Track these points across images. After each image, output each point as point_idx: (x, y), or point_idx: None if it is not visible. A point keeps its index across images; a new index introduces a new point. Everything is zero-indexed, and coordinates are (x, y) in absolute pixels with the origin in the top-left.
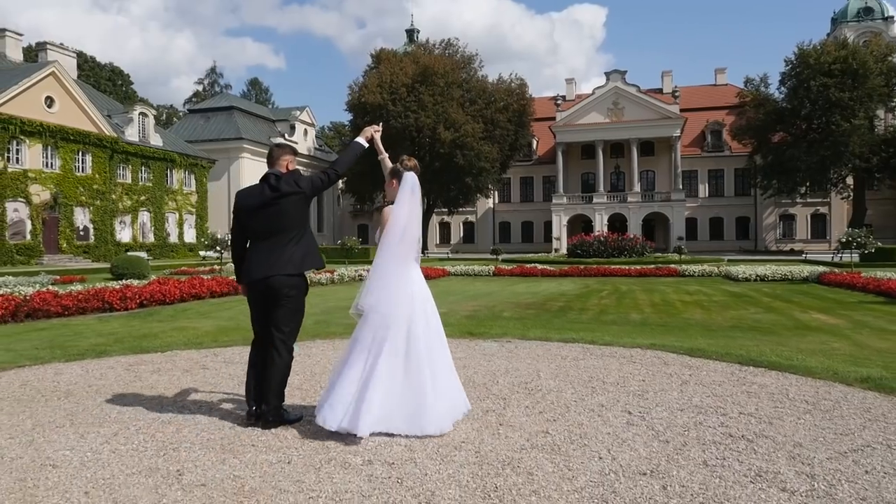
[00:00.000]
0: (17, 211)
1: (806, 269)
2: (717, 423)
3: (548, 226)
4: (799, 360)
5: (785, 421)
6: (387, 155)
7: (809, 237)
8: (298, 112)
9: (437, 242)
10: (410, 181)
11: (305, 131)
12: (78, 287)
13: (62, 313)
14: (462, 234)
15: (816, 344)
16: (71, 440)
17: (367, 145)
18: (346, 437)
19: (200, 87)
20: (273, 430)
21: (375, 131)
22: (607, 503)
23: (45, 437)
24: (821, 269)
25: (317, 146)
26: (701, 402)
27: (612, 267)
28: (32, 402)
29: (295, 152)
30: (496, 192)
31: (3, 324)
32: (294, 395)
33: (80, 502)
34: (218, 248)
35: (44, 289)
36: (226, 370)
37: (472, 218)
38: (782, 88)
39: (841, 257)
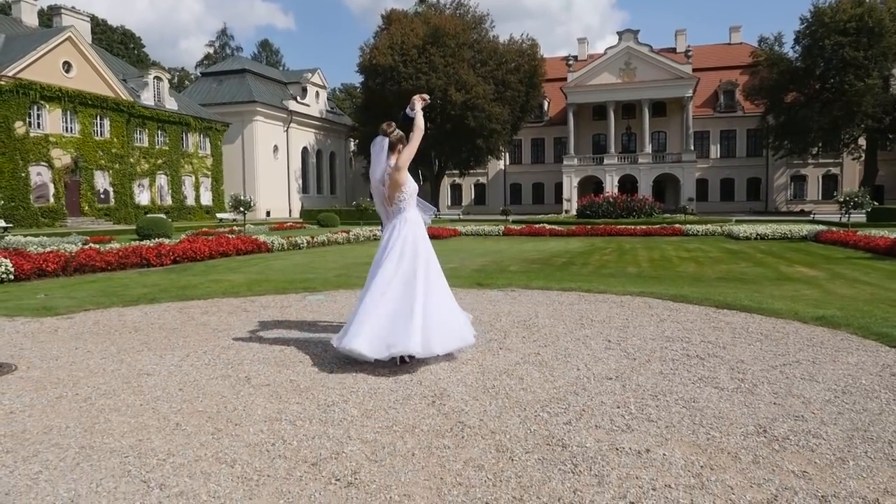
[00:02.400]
0: (40, 175)
1: (805, 228)
2: (679, 348)
3: (559, 187)
4: (768, 304)
5: (737, 346)
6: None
7: (820, 198)
8: (310, 74)
9: (449, 204)
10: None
11: (317, 94)
12: (115, 245)
13: (105, 268)
14: (473, 196)
15: (789, 291)
16: (153, 359)
17: (412, 113)
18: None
19: (211, 50)
20: (314, 352)
21: (422, 100)
22: (577, 395)
23: (131, 357)
24: (819, 227)
25: (329, 108)
26: (671, 334)
27: (619, 227)
28: (109, 335)
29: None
30: (507, 154)
31: (56, 277)
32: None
33: (177, 394)
34: (241, 208)
35: (86, 247)
36: (265, 313)
37: (483, 179)
38: (797, 47)
39: (848, 217)
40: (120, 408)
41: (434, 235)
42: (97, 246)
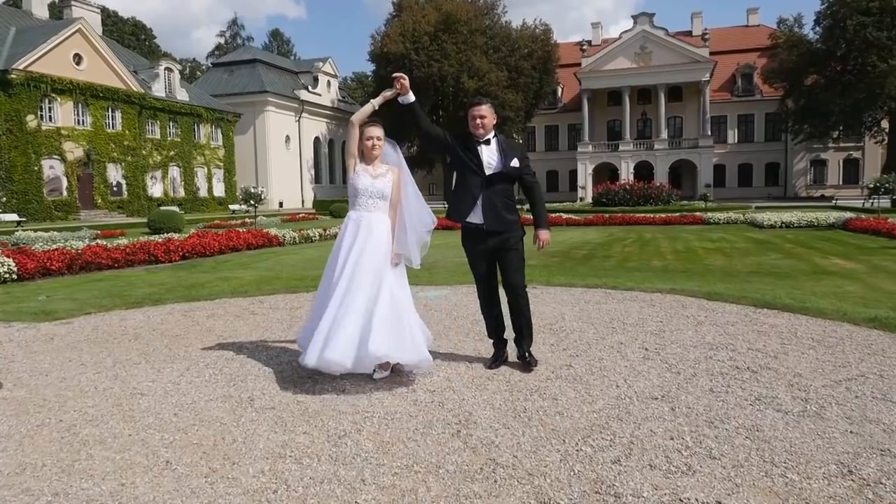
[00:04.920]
0: (52, 168)
1: (832, 216)
2: (725, 358)
3: (573, 174)
4: (812, 303)
5: (789, 355)
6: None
7: (841, 183)
8: (321, 63)
9: None
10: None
11: (328, 83)
12: (123, 241)
13: (112, 265)
14: None
15: (831, 287)
16: (150, 374)
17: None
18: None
19: (222, 40)
20: None
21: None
22: (622, 421)
23: (126, 371)
24: (847, 215)
25: (340, 98)
26: (713, 340)
27: (637, 215)
28: (107, 344)
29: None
30: (520, 141)
31: (60, 276)
32: None
33: (171, 421)
34: (252, 201)
35: (92, 243)
36: (273, 315)
37: None
38: (817, 28)
39: (872, 203)
40: (106, 439)
41: (447, 227)
42: (104, 243)
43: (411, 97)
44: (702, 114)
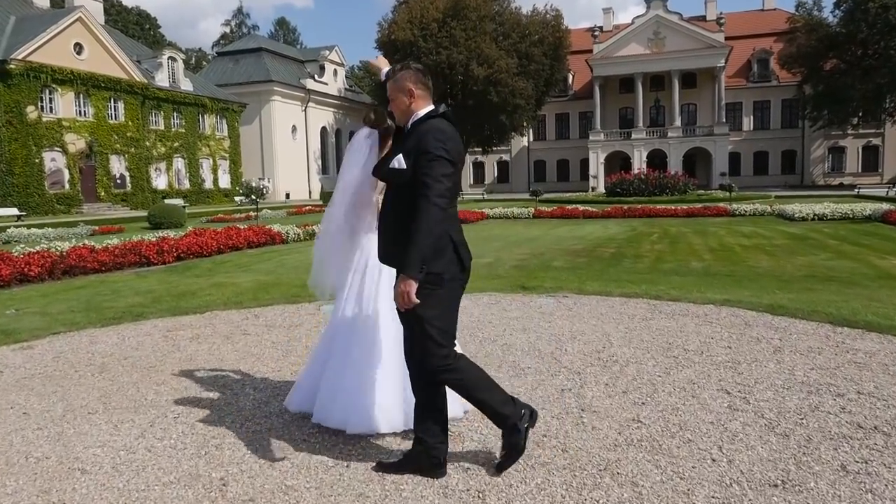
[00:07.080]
0: (54, 160)
1: (868, 207)
2: (836, 409)
3: (584, 163)
4: None
5: None
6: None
7: (860, 170)
8: (328, 52)
9: (471, 182)
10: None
11: (335, 72)
12: (115, 240)
13: (99, 269)
14: (496, 174)
15: None
16: (103, 432)
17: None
18: (402, 433)
19: (228, 29)
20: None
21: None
22: None
23: (75, 427)
24: (885, 206)
25: (347, 86)
26: (806, 378)
27: (657, 206)
28: (65, 380)
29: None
30: (531, 130)
31: (40, 282)
32: None
33: None
34: (253, 196)
35: (81, 242)
36: (268, 336)
37: (506, 157)
38: (837, 12)
39: None
40: None
41: (461, 219)
42: (93, 242)
43: (382, 76)
44: (717, 100)
